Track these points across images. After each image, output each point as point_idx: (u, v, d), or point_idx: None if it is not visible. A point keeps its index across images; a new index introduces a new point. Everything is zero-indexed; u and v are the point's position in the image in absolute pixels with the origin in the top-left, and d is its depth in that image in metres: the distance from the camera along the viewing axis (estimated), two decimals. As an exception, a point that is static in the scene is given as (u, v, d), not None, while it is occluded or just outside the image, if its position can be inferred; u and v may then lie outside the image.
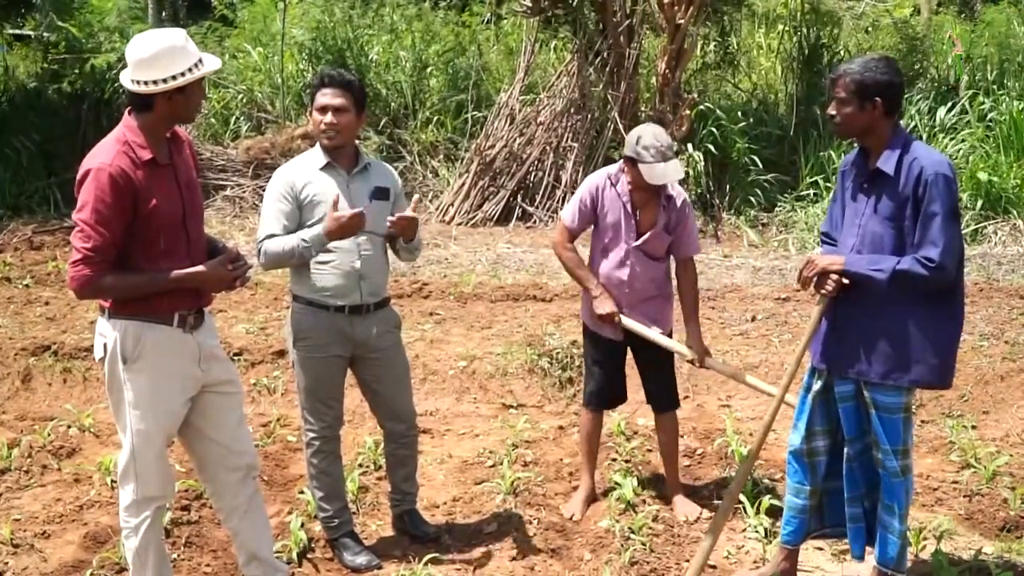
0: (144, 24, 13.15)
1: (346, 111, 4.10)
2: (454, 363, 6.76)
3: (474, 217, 11.43)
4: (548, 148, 11.66)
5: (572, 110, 11.70)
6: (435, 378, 6.61)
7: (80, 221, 3.30)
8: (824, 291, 3.74)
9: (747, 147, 11.52)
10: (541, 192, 11.57)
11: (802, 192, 11.44)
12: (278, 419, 5.87)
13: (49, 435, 5.55)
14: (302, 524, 4.46)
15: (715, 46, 13.46)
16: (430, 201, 11.98)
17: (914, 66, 12.93)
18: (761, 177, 11.51)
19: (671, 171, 4.34)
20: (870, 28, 14.17)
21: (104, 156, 3.32)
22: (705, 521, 4.58)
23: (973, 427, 5.89)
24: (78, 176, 3.34)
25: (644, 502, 4.83)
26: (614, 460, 5.29)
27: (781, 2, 13.96)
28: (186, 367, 3.54)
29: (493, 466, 5.32)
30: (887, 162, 3.65)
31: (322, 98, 4.10)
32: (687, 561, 4.24)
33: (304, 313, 4.18)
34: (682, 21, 11.22)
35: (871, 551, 3.97)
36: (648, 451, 5.45)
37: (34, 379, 6.56)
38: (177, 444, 3.96)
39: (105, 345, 3.46)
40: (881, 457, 3.77)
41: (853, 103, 3.66)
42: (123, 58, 3.42)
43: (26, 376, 6.56)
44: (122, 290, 3.39)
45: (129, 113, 3.43)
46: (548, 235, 10.91)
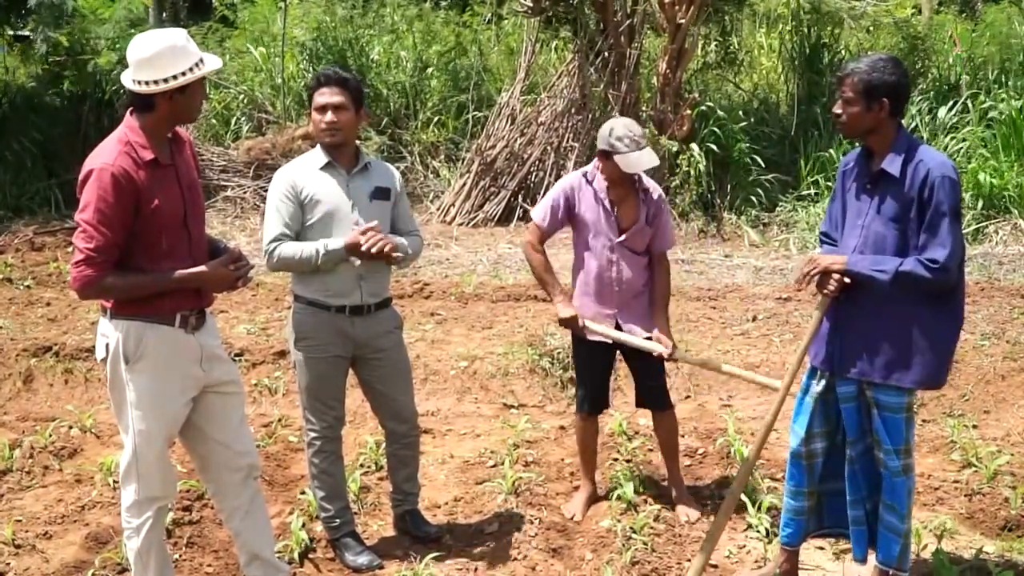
0: (144, 27, 13.14)
1: (345, 109, 4.11)
2: (455, 363, 6.76)
3: (475, 217, 11.43)
4: (549, 148, 11.66)
5: (573, 110, 11.70)
6: (436, 378, 6.61)
7: (82, 221, 3.30)
8: (826, 291, 3.74)
9: (748, 147, 11.51)
10: (542, 192, 11.52)
11: (803, 192, 11.43)
12: (279, 419, 5.88)
13: (51, 436, 5.55)
14: (303, 524, 4.46)
15: (716, 46, 13.46)
16: (431, 201, 11.99)
17: (915, 65, 12.92)
18: (762, 177, 11.50)
19: (646, 158, 4.35)
20: (871, 28, 14.14)
21: (106, 156, 3.32)
22: (706, 522, 4.58)
23: (974, 426, 5.89)
24: (80, 176, 3.35)
25: (645, 502, 4.83)
26: (615, 460, 5.29)
27: (782, 2, 13.93)
28: (188, 367, 3.54)
29: (494, 466, 5.32)
30: (892, 163, 3.64)
31: (320, 97, 4.11)
32: (688, 561, 4.25)
33: (305, 313, 4.18)
34: (683, 21, 11.21)
35: (873, 554, 3.97)
36: (649, 450, 5.45)
37: (36, 380, 6.57)
38: (178, 444, 3.96)
39: (107, 345, 3.46)
40: (883, 457, 3.77)
41: (860, 103, 3.64)
42: (124, 59, 3.42)
43: (28, 377, 6.57)
44: (124, 290, 3.39)
45: (130, 113, 3.43)
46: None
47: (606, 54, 11.68)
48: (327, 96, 4.10)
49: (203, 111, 12.48)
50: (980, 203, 10.63)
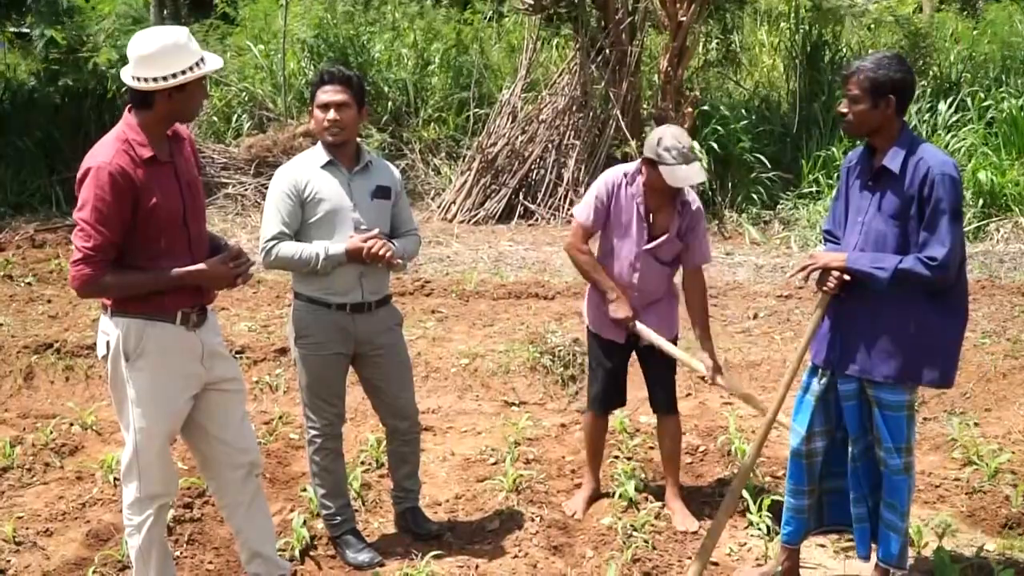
0: (144, 23, 13.14)
1: (348, 107, 4.10)
2: (456, 361, 6.76)
3: (476, 215, 11.43)
4: (550, 146, 11.65)
5: (574, 108, 11.70)
6: (437, 375, 6.61)
7: (80, 220, 3.30)
8: (826, 288, 3.74)
9: (749, 145, 11.50)
10: (543, 190, 11.58)
11: (804, 190, 11.42)
12: (280, 417, 5.87)
13: (51, 433, 5.55)
14: (304, 522, 4.46)
15: (717, 43, 13.46)
16: (432, 199, 11.98)
17: (916, 63, 12.91)
18: (763, 175, 11.50)
19: (693, 174, 4.24)
20: (872, 25, 14.14)
21: (104, 154, 3.32)
22: (704, 529, 4.53)
23: (975, 424, 5.89)
24: (79, 175, 3.34)
25: (646, 499, 4.83)
26: (616, 458, 5.29)
27: (783, -1, 13.97)
28: (189, 365, 3.54)
29: (495, 464, 5.32)
30: (893, 160, 3.64)
31: (323, 95, 4.10)
32: (689, 558, 4.24)
33: (306, 311, 4.18)
34: (684, 18, 11.21)
35: (874, 551, 3.97)
36: (650, 448, 5.45)
37: (36, 377, 6.57)
38: (180, 441, 3.96)
39: (108, 343, 3.46)
40: (884, 455, 3.77)
41: (866, 101, 3.63)
42: (125, 56, 3.41)
43: (28, 374, 6.57)
44: (123, 289, 3.39)
45: (129, 110, 3.43)
46: (550, 233, 10.93)
47: (607, 52, 11.67)
48: (330, 94, 4.09)
49: (204, 108, 12.52)
50: (980, 201, 10.62)
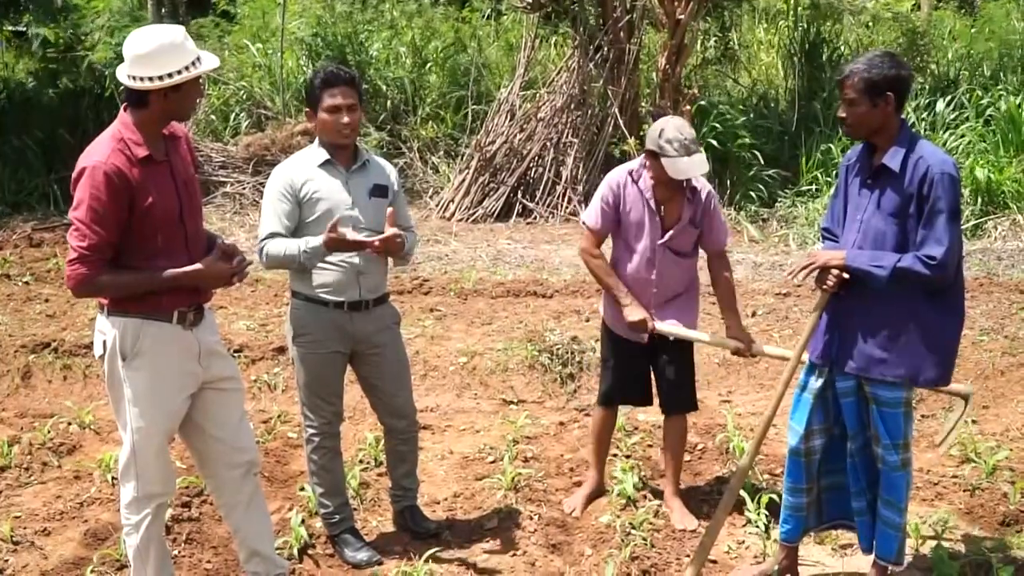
0: (142, 21, 13.11)
1: (356, 108, 4.12)
2: (455, 359, 6.76)
3: (474, 213, 11.42)
4: (548, 144, 11.65)
5: (572, 106, 11.69)
6: (436, 374, 6.61)
7: (76, 219, 3.29)
8: (825, 287, 3.74)
9: (748, 142, 11.50)
10: (541, 188, 11.57)
11: (803, 187, 11.42)
12: (279, 415, 5.87)
13: (49, 432, 5.54)
14: (303, 520, 4.46)
15: (715, 41, 13.47)
16: (430, 197, 11.97)
17: (914, 61, 12.92)
18: (762, 172, 11.49)
19: (695, 165, 4.23)
20: (870, 23, 14.14)
21: (99, 154, 3.31)
22: (703, 528, 4.51)
23: (973, 422, 5.88)
24: (74, 174, 3.33)
25: (645, 497, 4.83)
26: (615, 455, 5.28)
27: (781, -3, 13.97)
28: (186, 364, 3.53)
29: (494, 462, 5.32)
30: (893, 159, 3.63)
31: (333, 99, 4.06)
32: (688, 556, 4.24)
33: (303, 309, 4.18)
34: (682, 16, 11.21)
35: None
36: (649, 446, 5.45)
37: (34, 376, 6.57)
38: (178, 440, 3.96)
39: (104, 342, 3.46)
40: (881, 452, 3.77)
41: (864, 102, 3.62)
42: (122, 54, 3.40)
43: (26, 373, 6.57)
44: (119, 288, 3.38)
45: (125, 109, 3.42)
46: (549, 231, 10.93)
47: (605, 50, 11.67)
48: (340, 97, 4.06)
49: (202, 107, 12.51)
50: (978, 199, 10.62)
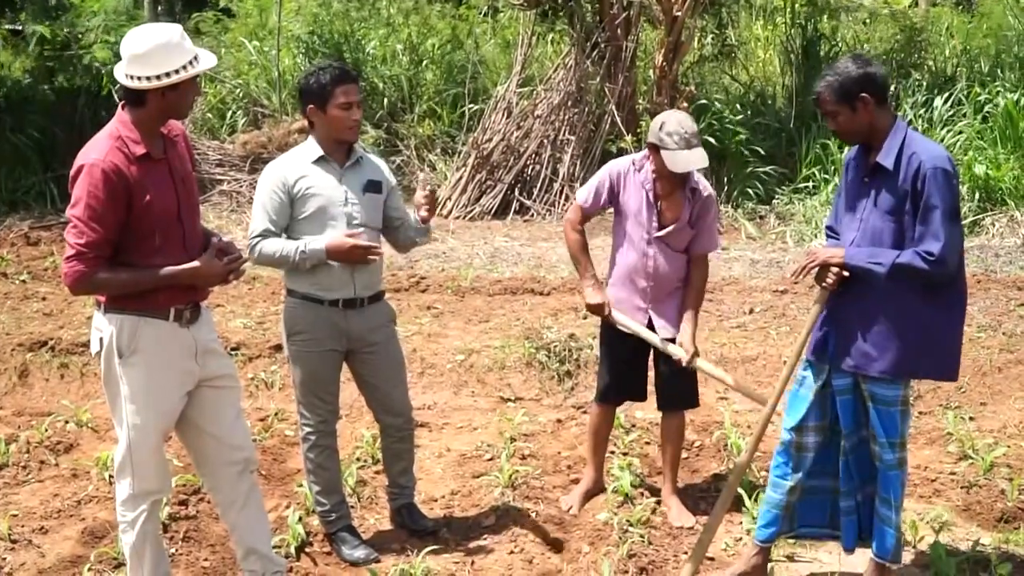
0: (138, 20, 13.09)
1: (361, 104, 4.17)
2: (452, 357, 6.75)
3: (471, 211, 11.41)
4: (545, 141, 11.64)
5: (569, 103, 11.68)
6: (433, 371, 6.60)
7: (74, 217, 3.29)
8: (824, 284, 3.74)
9: (745, 139, 11.49)
10: (538, 185, 11.55)
11: (800, 184, 11.42)
12: (276, 413, 5.87)
13: (46, 430, 5.54)
14: (300, 518, 4.45)
15: (713, 38, 13.42)
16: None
17: (912, 57, 12.92)
18: (759, 169, 11.49)
19: (695, 159, 4.22)
20: (868, 20, 14.13)
21: (97, 152, 3.31)
22: (700, 525, 4.51)
23: (971, 418, 5.89)
24: (72, 172, 3.34)
25: (642, 495, 4.83)
26: (612, 453, 5.28)
27: (779, -7, 13.93)
28: (182, 362, 3.53)
29: (491, 459, 5.32)
30: (887, 156, 3.64)
31: (344, 96, 4.08)
32: (685, 554, 4.24)
33: (299, 307, 4.17)
34: (680, 13, 11.19)
35: (862, 545, 3.98)
36: (646, 443, 5.45)
37: (31, 374, 6.56)
38: (175, 438, 3.96)
39: (101, 339, 3.46)
40: (878, 450, 3.77)
41: (843, 110, 3.66)
42: (119, 53, 3.40)
43: (23, 372, 6.56)
44: (116, 286, 3.38)
45: (123, 108, 3.42)
46: (546, 228, 10.92)
47: (602, 47, 11.66)
48: (351, 94, 4.11)
49: (199, 105, 12.48)
50: (976, 196, 10.61)
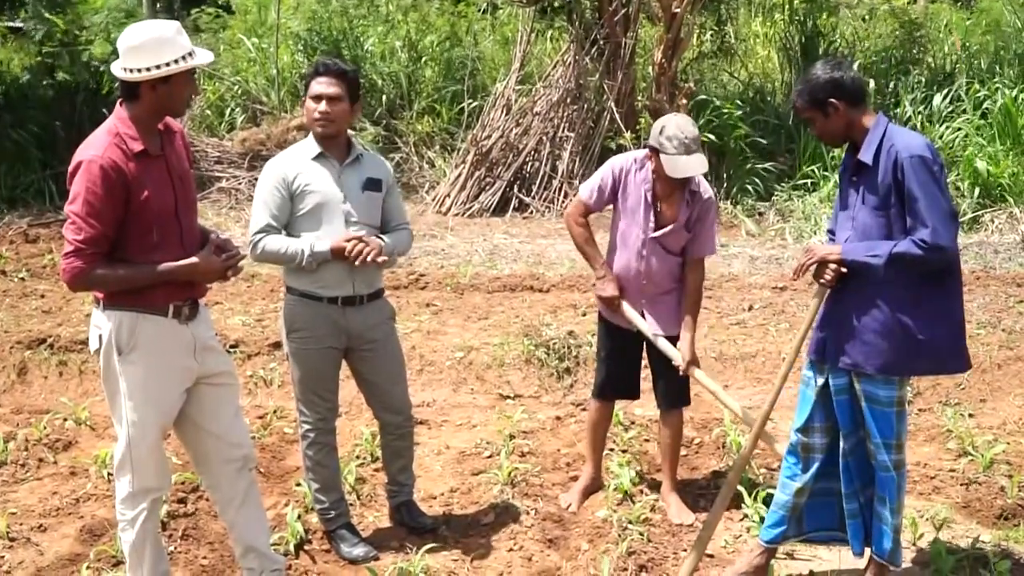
0: (137, 17, 13.08)
1: (340, 100, 4.09)
2: (451, 354, 6.75)
3: (471, 208, 11.40)
4: (544, 138, 11.63)
5: (568, 100, 11.67)
6: (432, 369, 6.60)
7: (72, 213, 3.30)
8: (823, 281, 3.74)
9: (744, 136, 11.49)
10: (537, 182, 11.55)
11: (799, 181, 11.41)
12: (275, 411, 5.86)
13: (45, 428, 5.54)
14: (299, 516, 4.45)
15: (712, 35, 13.42)
16: (426, 192, 11.96)
17: (911, 53, 12.91)
18: (758, 166, 11.48)
19: (693, 164, 4.21)
20: (867, 16, 14.13)
21: (95, 148, 3.32)
22: (699, 522, 4.51)
23: (970, 415, 5.89)
24: (70, 168, 3.35)
25: (642, 492, 4.83)
26: (611, 450, 5.28)
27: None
28: (181, 358, 3.53)
29: (490, 457, 5.32)
30: (866, 152, 3.67)
31: (317, 86, 4.09)
32: (684, 551, 4.24)
33: (297, 305, 4.17)
34: (679, 10, 11.17)
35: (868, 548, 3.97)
36: (645, 441, 5.45)
37: (30, 372, 6.56)
38: (174, 436, 3.95)
39: (100, 336, 3.46)
40: (873, 450, 3.76)
41: (817, 116, 3.75)
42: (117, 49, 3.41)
43: (22, 369, 6.55)
44: (114, 282, 3.38)
45: (121, 104, 3.42)
46: (545, 225, 10.91)
47: (602, 43, 11.65)
48: (324, 86, 4.08)
49: (197, 102, 12.48)
50: (976, 191, 10.61)
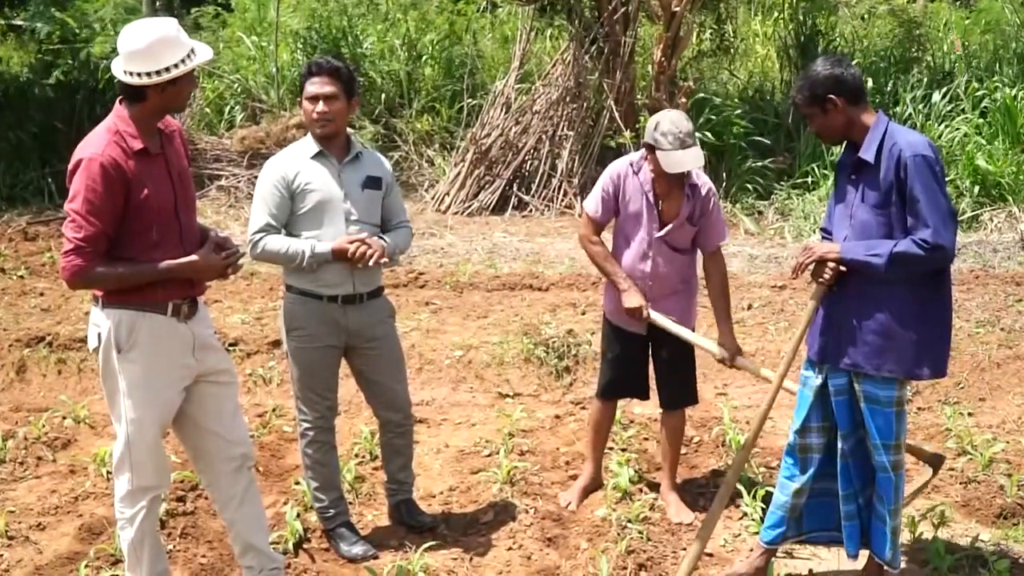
0: (137, 14, 13.06)
1: (336, 98, 4.09)
2: (450, 352, 6.75)
3: (470, 206, 11.39)
4: (544, 137, 11.62)
5: (568, 98, 11.66)
6: (431, 367, 6.60)
7: (72, 211, 3.30)
8: (821, 279, 3.73)
9: (743, 134, 11.48)
10: (537, 181, 11.53)
11: (798, 180, 11.40)
12: (274, 409, 5.86)
13: (44, 426, 5.54)
14: (298, 514, 4.45)
15: (711, 34, 13.40)
16: (426, 190, 11.95)
17: (911, 52, 12.90)
18: (758, 164, 11.48)
19: (689, 159, 4.20)
20: (866, 15, 14.12)
21: (95, 146, 3.32)
22: (699, 521, 4.50)
23: (969, 414, 5.89)
24: (70, 166, 3.35)
25: (641, 491, 4.83)
26: (610, 449, 5.28)
27: (777, -11, 13.92)
28: (180, 356, 3.53)
29: (489, 455, 5.32)
30: (868, 150, 3.65)
31: (311, 87, 4.08)
32: (683, 550, 4.24)
33: (297, 303, 4.17)
34: (678, 9, 11.16)
35: (864, 550, 3.96)
36: (645, 439, 5.45)
37: (29, 370, 6.56)
38: (172, 435, 3.95)
39: (99, 335, 3.45)
40: (872, 451, 3.75)
41: (816, 112, 3.72)
42: (117, 48, 3.40)
43: (21, 367, 6.55)
44: (114, 280, 3.38)
45: (120, 103, 3.42)
46: (544, 224, 10.91)
47: (601, 42, 11.64)
48: (318, 86, 4.08)
49: (196, 100, 12.46)
50: (976, 190, 10.61)
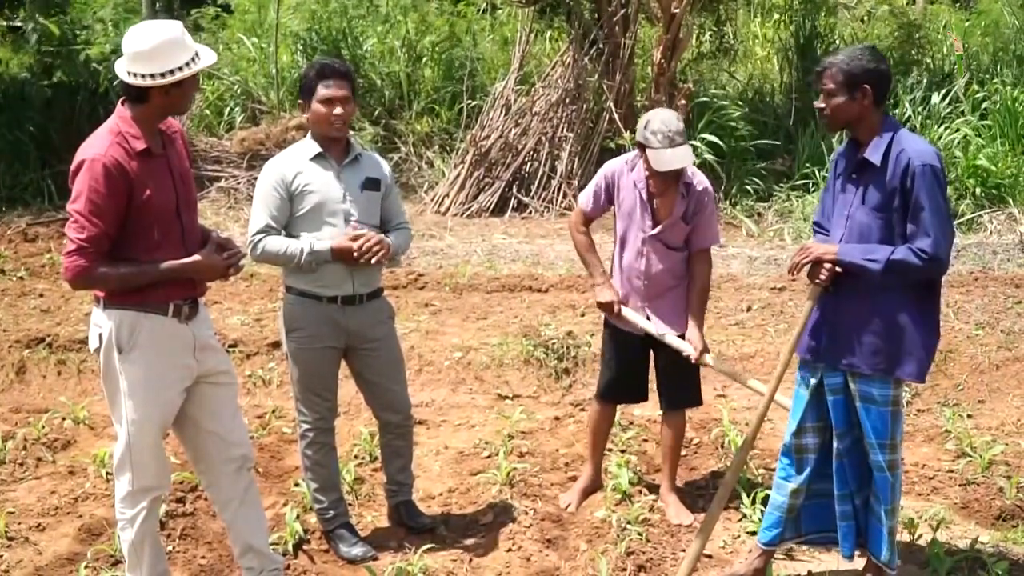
0: (137, 16, 13.06)
1: (349, 101, 4.13)
2: (450, 354, 6.75)
3: (469, 208, 11.39)
4: (543, 138, 11.62)
5: (567, 100, 11.66)
6: (431, 369, 6.60)
7: (74, 211, 3.31)
8: (817, 280, 3.74)
9: (743, 136, 11.48)
10: (536, 183, 11.53)
11: (798, 182, 11.40)
12: (273, 411, 5.86)
13: (44, 427, 5.54)
14: (297, 516, 4.45)
15: (711, 35, 13.41)
16: (425, 192, 11.95)
17: (910, 54, 12.91)
18: (757, 166, 11.48)
19: (678, 157, 4.20)
20: (866, 17, 14.12)
21: (98, 147, 3.32)
22: (698, 523, 4.50)
23: (969, 416, 5.89)
24: (72, 167, 3.36)
25: (640, 492, 4.83)
26: (610, 450, 5.28)
27: (777, -9, 13.91)
28: (181, 357, 3.53)
29: (489, 457, 5.32)
30: (874, 152, 3.64)
31: (326, 90, 4.09)
32: (683, 551, 4.25)
33: (297, 304, 4.17)
34: (678, 10, 11.17)
35: (859, 553, 3.97)
36: (644, 441, 5.45)
37: (29, 371, 6.56)
38: (173, 436, 3.96)
39: (100, 335, 3.46)
40: (868, 451, 3.76)
41: (842, 93, 3.64)
42: (117, 49, 3.41)
43: (20, 368, 6.55)
44: (116, 281, 3.39)
45: (123, 103, 3.43)
46: (544, 225, 10.91)
47: (601, 44, 11.64)
48: (334, 89, 4.09)
49: (196, 101, 12.46)
50: (977, 191, 10.61)
